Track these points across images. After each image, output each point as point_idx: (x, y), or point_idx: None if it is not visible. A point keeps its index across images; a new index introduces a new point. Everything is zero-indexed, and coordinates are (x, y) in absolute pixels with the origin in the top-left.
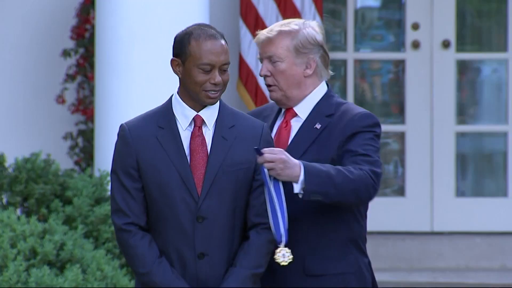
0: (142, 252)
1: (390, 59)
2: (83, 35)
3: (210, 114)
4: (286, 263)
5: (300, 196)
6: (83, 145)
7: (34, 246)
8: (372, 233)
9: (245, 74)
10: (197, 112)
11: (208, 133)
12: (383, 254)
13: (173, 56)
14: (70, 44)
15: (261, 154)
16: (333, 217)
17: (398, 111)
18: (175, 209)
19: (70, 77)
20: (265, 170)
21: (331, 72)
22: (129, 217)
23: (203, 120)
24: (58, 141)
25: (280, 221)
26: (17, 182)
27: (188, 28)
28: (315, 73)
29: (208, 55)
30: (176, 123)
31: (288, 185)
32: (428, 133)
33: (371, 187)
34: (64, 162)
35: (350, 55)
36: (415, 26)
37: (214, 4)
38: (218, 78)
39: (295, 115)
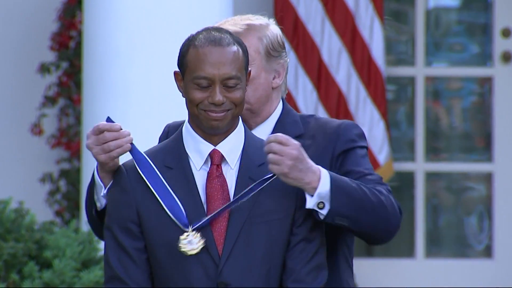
0: None
1: (473, 76)
2: (66, 44)
3: (231, 148)
4: (195, 252)
5: (322, 217)
6: (67, 190)
7: None
8: None
9: None
10: (214, 145)
11: (230, 172)
12: None
13: (178, 67)
14: (50, 56)
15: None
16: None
17: (484, 145)
18: (188, 275)
19: (49, 100)
20: (135, 146)
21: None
22: (128, 286)
23: (223, 156)
24: (33, 184)
25: (177, 201)
26: None
27: (196, 32)
28: (281, 85)
29: (204, 66)
30: (188, 161)
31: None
32: None
33: (398, 213)
34: (41, 212)
35: (420, 71)
36: (506, 33)
37: (239, 4)
38: (218, 96)
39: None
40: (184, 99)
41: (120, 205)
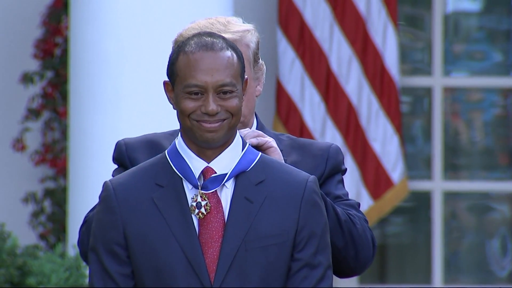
0: None
1: (495, 87)
2: (51, 52)
3: (227, 165)
4: (202, 215)
5: None
6: (52, 211)
7: None
8: None
9: (285, 108)
10: (208, 162)
11: (225, 192)
12: None
13: (167, 77)
14: (33, 65)
15: None
16: None
17: (507, 162)
18: None
19: (33, 113)
20: None
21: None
22: None
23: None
24: (15, 205)
25: (188, 163)
26: None
27: (187, 37)
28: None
29: (196, 73)
30: (180, 178)
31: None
32: None
33: (371, 244)
34: (24, 235)
35: (437, 81)
36: None
37: (240, 8)
38: (211, 105)
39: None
40: (176, 111)
41: (105, 226)
